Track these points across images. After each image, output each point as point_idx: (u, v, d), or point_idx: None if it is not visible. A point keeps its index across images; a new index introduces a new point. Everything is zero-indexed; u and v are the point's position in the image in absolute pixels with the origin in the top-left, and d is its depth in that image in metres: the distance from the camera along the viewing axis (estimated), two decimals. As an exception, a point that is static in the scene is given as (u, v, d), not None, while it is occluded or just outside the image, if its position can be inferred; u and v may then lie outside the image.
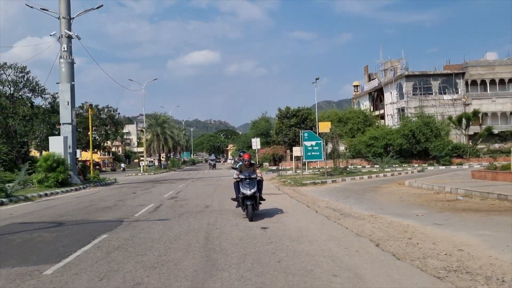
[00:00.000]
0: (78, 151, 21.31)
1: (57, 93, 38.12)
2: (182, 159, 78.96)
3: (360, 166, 36.83)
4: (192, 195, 15.16)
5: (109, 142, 61.44)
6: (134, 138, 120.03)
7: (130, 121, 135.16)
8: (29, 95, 42.86)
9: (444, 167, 33.46)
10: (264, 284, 4.30)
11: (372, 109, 64.37)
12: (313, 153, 21.21)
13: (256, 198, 8.78)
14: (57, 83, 20.69)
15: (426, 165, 34.88)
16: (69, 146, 20.24)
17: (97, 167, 50.65)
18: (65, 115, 20.49)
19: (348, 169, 25.57)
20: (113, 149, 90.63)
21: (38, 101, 44.57)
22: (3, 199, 13.10)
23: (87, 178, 23.06)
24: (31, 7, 20.31)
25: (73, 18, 21.09)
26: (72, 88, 20.72)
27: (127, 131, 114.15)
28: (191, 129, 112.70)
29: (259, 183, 9.10)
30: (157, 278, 4.62)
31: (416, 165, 35.44)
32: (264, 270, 4.79)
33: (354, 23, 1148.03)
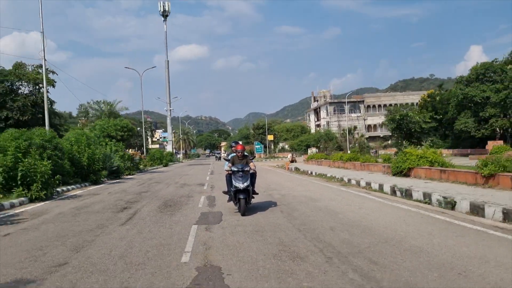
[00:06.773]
0: (174, 149, 58.04)
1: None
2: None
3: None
4: (219, 164, 51.66)
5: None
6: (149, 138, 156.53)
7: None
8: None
9: (329, 155, 70.77)
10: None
11: (316, 120, 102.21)
12: (259, 149, 58.24)
13: (249, 192, 8.50)
14: (163, 130, 57.52)
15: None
16: (172, 147, 56.98)
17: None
18: (169, 137, 57.20)
19: (276, 156, 62.59)
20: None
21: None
22: (168, 163, 49.82)
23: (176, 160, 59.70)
24: (158, 98, 56.95)
25: (171, 109, 57.55)
26: (171, 130, 57.51)
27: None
28: (194, 131, 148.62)
29: (252, 176, 8.86)
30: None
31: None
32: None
33: (342, 18, 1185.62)
